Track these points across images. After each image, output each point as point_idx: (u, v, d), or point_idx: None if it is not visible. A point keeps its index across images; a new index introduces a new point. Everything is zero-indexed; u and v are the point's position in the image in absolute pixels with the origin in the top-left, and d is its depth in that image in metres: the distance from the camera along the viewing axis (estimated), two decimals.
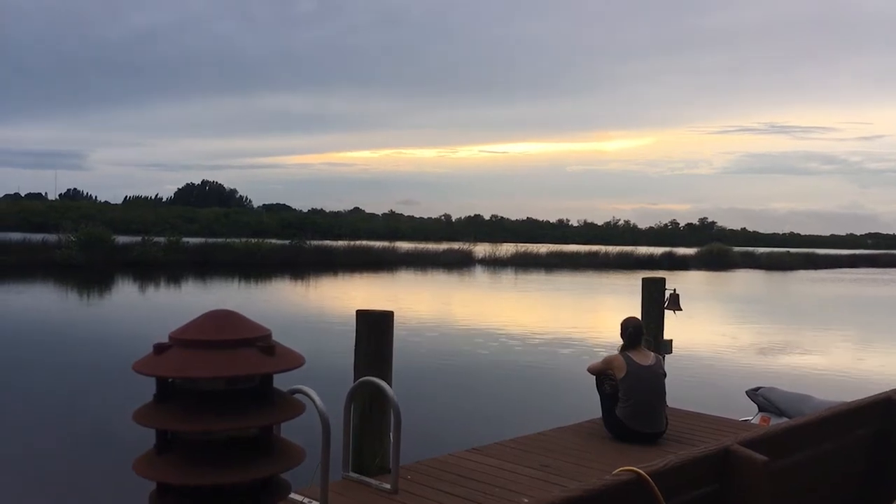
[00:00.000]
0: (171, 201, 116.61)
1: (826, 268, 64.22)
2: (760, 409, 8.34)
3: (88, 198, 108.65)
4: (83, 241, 36.29)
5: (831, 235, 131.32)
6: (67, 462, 8.02)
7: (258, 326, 1.23)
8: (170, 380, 1.20)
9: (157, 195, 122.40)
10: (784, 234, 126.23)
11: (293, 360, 1.22)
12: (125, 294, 27.54)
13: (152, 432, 1.24)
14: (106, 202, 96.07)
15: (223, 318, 1.22)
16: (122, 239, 38.98)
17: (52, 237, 37.80)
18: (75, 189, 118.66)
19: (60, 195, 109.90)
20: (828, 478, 2.72)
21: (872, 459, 2.92)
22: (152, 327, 15.77)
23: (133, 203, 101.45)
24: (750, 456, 2.14)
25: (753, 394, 8.55)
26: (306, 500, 4.88)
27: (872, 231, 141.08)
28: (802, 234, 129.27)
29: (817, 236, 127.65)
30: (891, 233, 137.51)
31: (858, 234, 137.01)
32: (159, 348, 1.20)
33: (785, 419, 6.95)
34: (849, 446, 2.83)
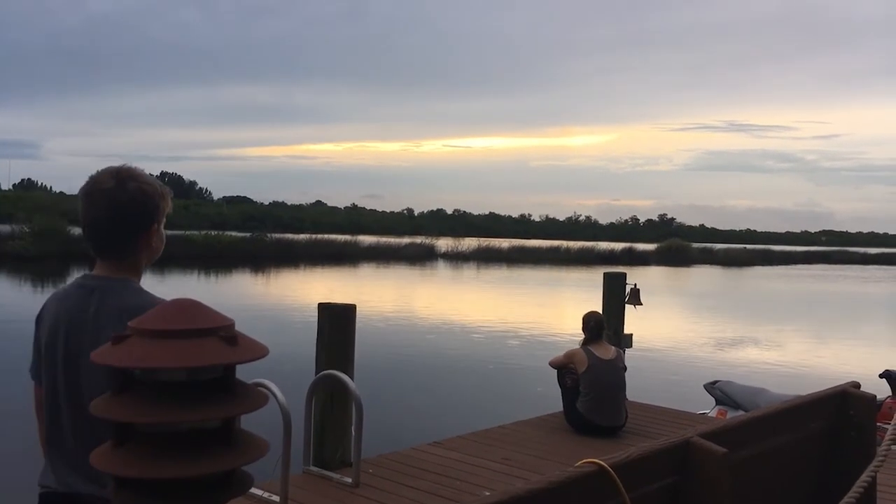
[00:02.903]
0: None
1: (781, 264, 65.51)
2: (718, 403, 8.48)
3: (43, 188, 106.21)
4: (37, 232, 35.52)
5: (787, 232, 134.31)
6: (21, 454, 7.85)
7: (220, 316, 1.20)
8: (128, 370, 1.17)
9: None
10: (741, 230, 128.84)
11: (257, 350, 1.20)
12: None
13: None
14: (62, 193, 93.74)
15: (184, 308, 1.19)
16: (78, 231, 38.14)
17: (5, 228, 36.89)
18: (29, 179, 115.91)
19: (14, 185, 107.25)
20: (785, 469, 2.77)
21: (828, 452, 2.98)
22: None
23: None
24: (710, 448, 2.17)
25: (711, 387, 8.69)
26: (266, 494, 4.84)
27: (827, 228, 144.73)
28: (759, 230, 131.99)
29: (773, 233, 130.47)
30: (844, 230, 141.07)
31: (813, 231, 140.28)
32: (117, 339, 1.17)
33: (741, 412, 7.07)
34: (805, 439, 2.88)
